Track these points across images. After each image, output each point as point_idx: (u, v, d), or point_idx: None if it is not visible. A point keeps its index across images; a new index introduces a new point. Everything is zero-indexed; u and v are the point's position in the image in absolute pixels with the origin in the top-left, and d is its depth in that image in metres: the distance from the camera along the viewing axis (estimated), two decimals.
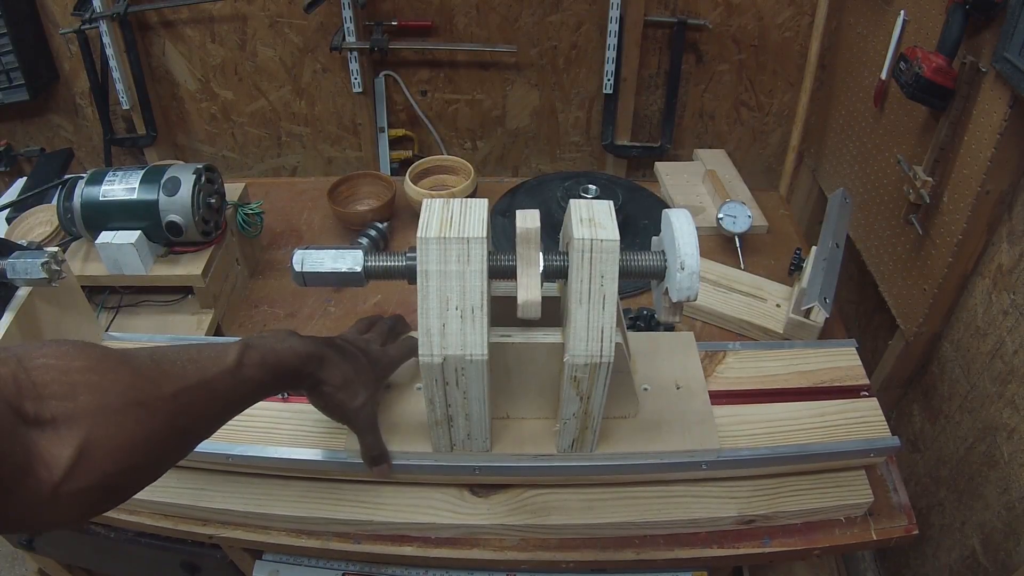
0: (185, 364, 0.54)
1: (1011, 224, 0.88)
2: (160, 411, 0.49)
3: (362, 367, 0.71)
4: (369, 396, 0.71)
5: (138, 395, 0.47)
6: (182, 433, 0.52)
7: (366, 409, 0.70)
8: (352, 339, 0.74)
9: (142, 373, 0.49)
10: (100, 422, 0.44)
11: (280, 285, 1.20)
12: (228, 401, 0.58)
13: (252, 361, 0.59)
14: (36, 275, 0.72)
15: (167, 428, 0.50)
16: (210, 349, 0.58)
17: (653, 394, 0.81)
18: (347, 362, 0.69)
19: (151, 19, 1.53)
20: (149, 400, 0.48)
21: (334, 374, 0.67)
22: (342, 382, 0.68)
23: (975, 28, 0.85)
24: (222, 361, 0.57)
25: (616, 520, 0.78)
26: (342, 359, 0.68)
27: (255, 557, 0.92)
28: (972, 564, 1.00)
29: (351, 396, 0.69)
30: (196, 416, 0.54)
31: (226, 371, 0.57)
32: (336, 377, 0.68)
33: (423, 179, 1.33)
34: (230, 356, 0.58)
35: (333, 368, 0.67)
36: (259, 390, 0.61)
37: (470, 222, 0.64)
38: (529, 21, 1.49)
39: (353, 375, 0.69)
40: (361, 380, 0.70)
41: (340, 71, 1.57)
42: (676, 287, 0.62)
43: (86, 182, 1.00)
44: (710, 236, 1.24)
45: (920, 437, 1.13)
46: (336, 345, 0.70)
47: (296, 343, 0.65)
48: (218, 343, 0.60)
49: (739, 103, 1.59)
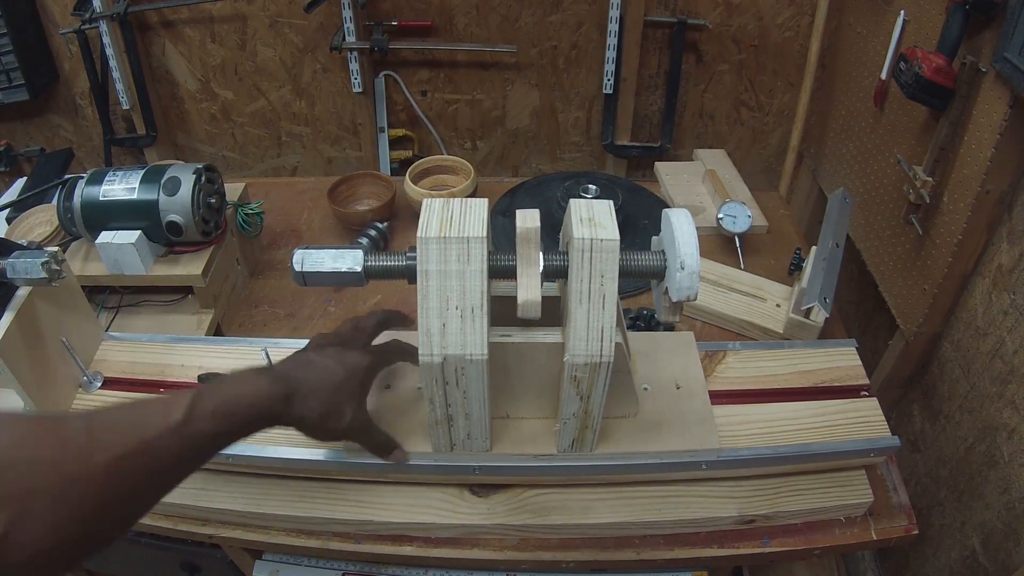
0: (124, 428, 0.51)
1: (1011, 224, 0.88)
2: (94, 484, 0.46)
3: (340, 381, 0.65)
4: (355, 407, 0.67)
5: (68, 469, 0.45)
6: (123, 501, 0.49)
7: (356, 421, 0.67)
8: (326, 350, 0.69)
9: (72, 444, 0.47)
10: (27, 501, 0.43)
11: (280, 285, 1.20)
12: (177, 461, 0.53)
13: (203, 413, 0.54)
14: (36, 275, 0.72)
15: (103, 500, 0.47)
16: (155, 406, 0.54)
17: (653, 394, 0.81)
18: (322, 384, 0.64)
19: (151, 19, 1.53)
20: (80, 474, 0.46)
21: (310, 405, 0.63)
22: (323, 410, 0.63)
23: (975, 28, 0.85)
24: (167, 418, 0.53)
25: (616, 520, 0.78)
26: (315, 383, 0.64)
27: (255, 557, 0.92)
28: (972, 564, 1.00)
29: (337, 419, 0.65)
30: (137, 482, 0.50)
31: (170, 429, 0.52)
32: (314, 407, 0.63)
33: (423, 179, 1.33)
34: (176, 411, 0.53)
35: (307, 399, 0.62)
36: (216, 442, 0.56)
37: (470, 222, 0.64)
38: (529, 21, 1.49)
39: (332, 394, 0.64)
40: (343, 396, 0.65)
41: (340, 71, 1.57)
42: (676, 287, 0.62)
43: (86, 182, 1.00)
44: (710, 236, 1.24)
45: (920, 437, 1.13)
46: (305, 366, 0.65)
47: (260, 384, 0.60)
48: (168, 396, 0.55)
49: (739, 103, 1.59)
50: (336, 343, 0.70)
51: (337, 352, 0.68)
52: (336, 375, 0.65)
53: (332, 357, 0.67)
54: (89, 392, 0.86)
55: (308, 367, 0.65)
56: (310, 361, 0.66)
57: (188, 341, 0.94)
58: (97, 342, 0.91)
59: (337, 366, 0.66)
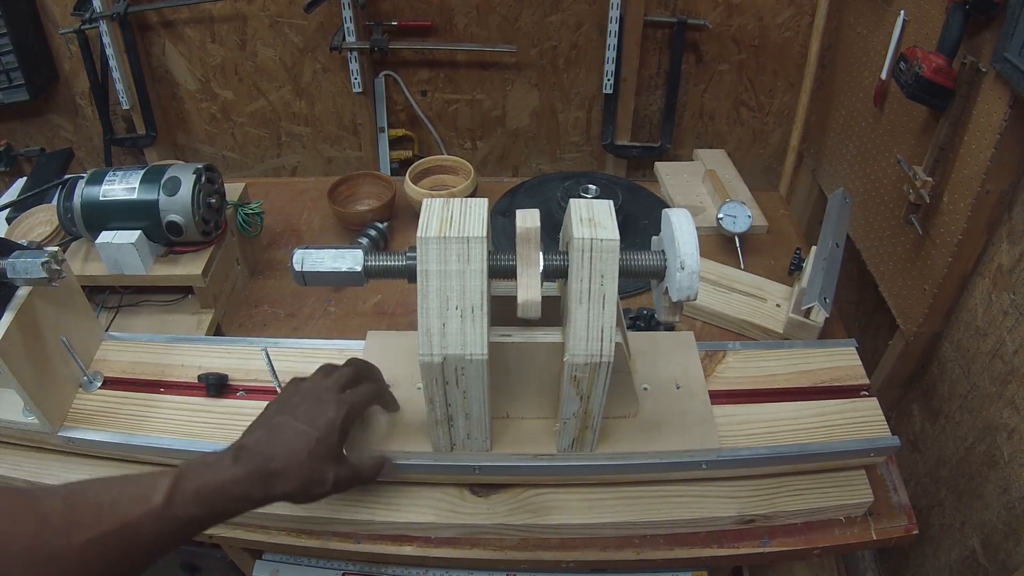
0: (103, 507, 0.50)
1: (1011, 224, 0.88)
2: (69, 563, 0.46)
3: (314, 445, 0.63)
4: (336, 468, 0.65)
5: (45, 547, 0.45)
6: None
7: (340, 480, 0.66)
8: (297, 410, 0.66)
9: (50, 522, 0.47)
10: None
11: (280, 285, 1.20)
12: (157, 543, 0.53)
13: (184, 498, 0.54)
14: (36, 275, 0.72)
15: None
16: (136, 486, 0.53)
17: (653, 394, 0.81)
18: (297, 455, 0.62)
19: (151, 19, 1.53)
20: (56, 552, 0.46)
21: (289, 481, 0.61)
22: (303, 482, 0.62)
23: (975, 28, 0.85)
24: (147, 500, 0.52)
25: (616, 520, 0.78)
26: (290, 455, 0.62)
27: (255, 557, 0.92)
28: (972, 564, 1.00)
29: (320, 485, 0.64)
30: (115, 563, 0.50)
31: (151, 512, 0.52)
32: (293, 482, 0.62)
33: (423, 179, 1.33)
34: (158, 494, 0.53)
35: (285, 476, 0.61)
36: (195, 526, 0.56)
37: (470, 222, 0.64)
38: (529, 21, 1.49)
39: (310, 462, 0.63)
40: (320, 460, 0.64)
41: (340, 71, 1.57)
42: (676, 287, 0.62)
43: (86, 182, 1.00)
44: (710, 236, 1.24)
45: (920, 437, 1.13)
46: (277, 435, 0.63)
47: (237, 471, 0.59)
48: (148, 477, 0.55)
49: (739, 103, 1.59)
50: (307, 399, 0.67)
51: (308, 412, 0.65)
52: (310, 439, 0.63)
53: (303, 420, 0.65)
54: (89, 392, 0.86)
55: (279, 436, 0.63)
56: (280, 428, 0.64)
57: (188, 341, 0.94)
58: (97, 342, 0.91)
59: (310, 429, 0.64)
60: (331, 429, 0.65)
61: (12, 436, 0.85)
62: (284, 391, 0.70)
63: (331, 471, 0.64)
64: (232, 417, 0.83)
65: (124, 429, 0.82)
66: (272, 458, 0.61)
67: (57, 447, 0.84)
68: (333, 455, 0.65)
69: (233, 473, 0.59)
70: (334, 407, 0.66)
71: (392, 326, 1.11)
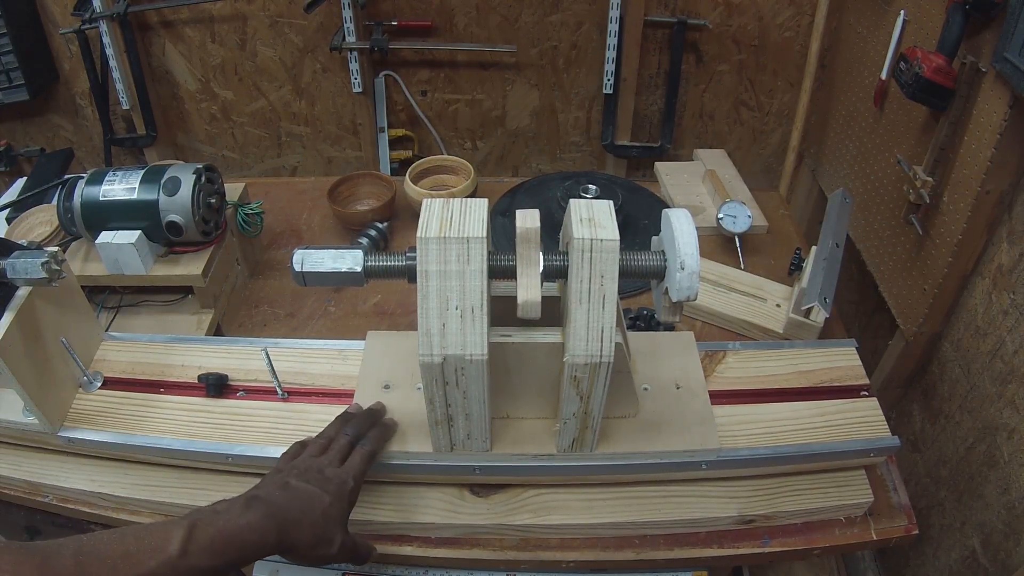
0: (116, 561, 0.49)
1: (1011, 224, 0.88)
2: None
3: (327, 508, 0.64)
4: (342, 534, 0.66)
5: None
6: None
7: (344, 548, 0.66)
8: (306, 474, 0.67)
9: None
10: None
11: (280, 285, 1.20)
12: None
13: (200, 547, 0.53)
14: (36, 275, 0.72)
15: None
16: (149, 536, 0.52)
17: (653, 394, 0.81)
18: (311, 515, 0.63)
19: (151, 19, 1.53)
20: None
21: (301, 537, 0.61)
22: (313, 540, 0.62)
23: (975, 28, 0.85)
24: (162, 551, 0.51)
25: (616, 520, 0.78)
26: (304, 514, 0.62)
27: None
28: (972, 564, 1.00)
29: (326, 546, 0.64)
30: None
31: (167, 563, 0.51)
32: (304, 538, 0.62)
33: (423, 179, 1.33)
34: (173, 544, 0.52)
35: (298, 531, 0.61)
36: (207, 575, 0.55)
37: (470, 222, 0.64)
38: (529, 21, 1.49)
39: (322, 524, 0.63)
40: (331, 523, 0.64)
41: (340, 71, 1.57)
42: (676, 287, 0.62)
43: (86, 182, 1.00)
44: (710, 236, 1.24)
45: (920, 437, 1.13)
46: (291, 495, 0.63)
47: (253, 519, 0.58)
48: (161, 526, 0.54)
49: (739, 103, 1.59)
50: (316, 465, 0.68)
51: (319, 477, 0.67)
52: (323, 502, 0.64)
53: (315, 483, 0.65)
54: (89, 392, 0.86)
55: (294, 496, 0.63)
56: (293, 487, 0.64)
57: (188, 341, 0.94)
58: (97, 342, 0.91)
59: (323, 493, 0.65)
60: (343, 492, 0.66)
61: (12, 436, 0.85)
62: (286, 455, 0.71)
63: (339, 535, 0.65)
64: (232, 417, 0.83)
65: (124, 429, 0.81)
66: (288, 509, 0.62)
67: (57, 447, 0.84)
68: (343, 520, 0.66)
69: (248, 520, 0.58)
70: (343, 471, 0.68)
71: (392, 326, 1.11)
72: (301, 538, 0.61)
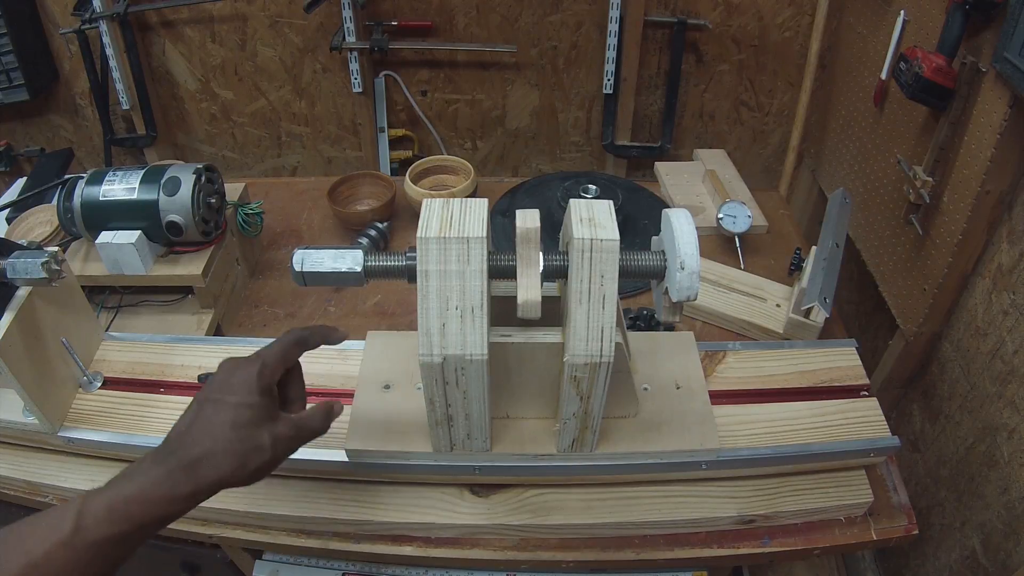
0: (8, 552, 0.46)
1: (1011, 224, 0.88)
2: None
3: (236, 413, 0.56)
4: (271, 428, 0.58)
5: None
6: None
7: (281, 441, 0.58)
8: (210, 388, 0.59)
9: None
10: None
11: (280, 285, 1.20)
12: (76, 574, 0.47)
13: (94, 518, 0.48)
14: (36, 275, 0.72)
15: None
16: (45, 518, 0.48)
17: (653, 394, 0.81)
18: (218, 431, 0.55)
19: (151, 19, 1.53)
20: None
21: (220, 463, 0.54)
22: (236, 458, 0.55)
23: (975, 28, 0.85)
24: (56, 530, 0.47)
25: (616, 520, 0.78)
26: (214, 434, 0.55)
27: (255, 557, 0.92)
28: (972, 564, 1.00)
29: (257, 452, 0.56)
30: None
31: (60, 542, 0.47)
32: (225, 461, 0.54)
33: (423, 179, 1.33)
34: (64, 522, 0.47)
35: (213, 459, 0.54)
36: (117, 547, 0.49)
37: (470, 222, 0.64)
38: (529, 21, 1.49)
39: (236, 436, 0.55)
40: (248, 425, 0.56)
41: (340, 71, 1.57)
42: (676, 287, 0.62)
43: (86, 182, 1.00)
44: (710, 236, 1.24)
45: (920, 437, 1.13)
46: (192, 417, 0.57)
47: (154, 470, 0.52)
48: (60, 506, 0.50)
49: (739, 103, 1.59)
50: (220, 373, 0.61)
51: (221, 383, 0.59)
52: (228, 407, 0.56)
53: (216, 391, 0.58)
54: (89, 392, 0.86)
55: (198, 420, 0.56)
56: (198, 409, 0.57)
57: (188, 341, 0.94)
58: (97, 342, 0.91)
59: (224, 396, 0.57)
60: (248, 388, 0.57)
61: (12, 436, 0.85)
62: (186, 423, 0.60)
63: (266, 433, 0.57)
64: None
65: (124, 429, 0.82)
66: (193, 443, 0.54)
67: (57, 447, 0.84)
68: (262, 416, 0.57)
69: (149, 476, 0.52)
70: (245, 365, 0.60)
71: (392, 326, 1.11)
72: (222, 467, 0.54)
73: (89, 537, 0.48)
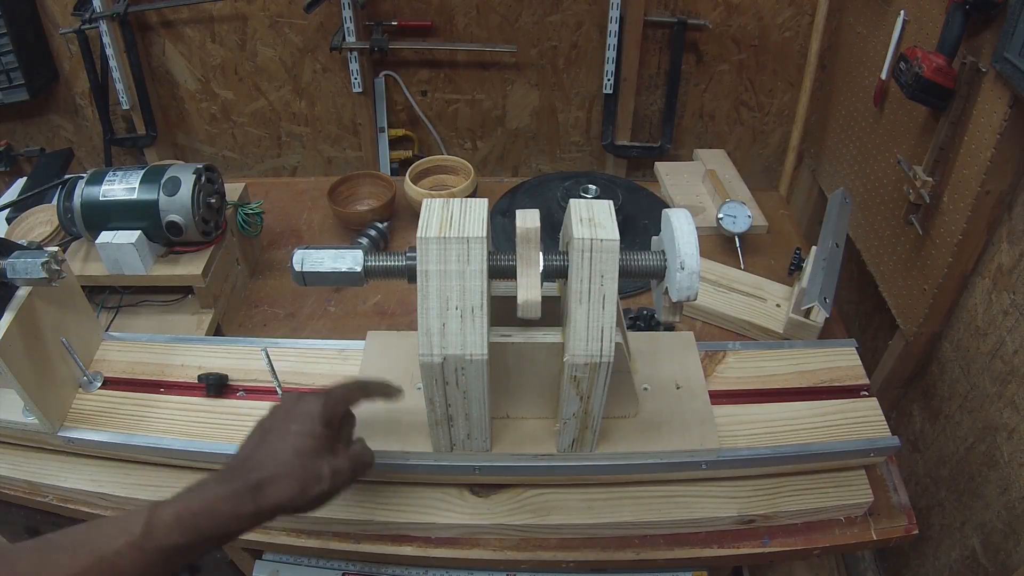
0: (78, 547, 0.48)
1: (1011, 224, 0.88)
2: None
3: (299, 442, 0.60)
4: (330, 460, 0.61)
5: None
6: None
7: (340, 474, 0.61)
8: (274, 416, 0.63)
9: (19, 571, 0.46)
10: None
11: (280, 285, 1.20)
12: None
13: (164, 524, 0.51)
14: (36, 275, 0.72)
15: None
16: (116, 521, 0.51)
17: (653, 394, 0.81)
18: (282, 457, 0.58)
19: (151, 19, 1.53)
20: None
21: (282, 487, 0.57)
22: (297, 485, 0.57)
23: (975, 28, 0.85)
24: (125, 534, 0.50)
25: (616, 520, 0.78)
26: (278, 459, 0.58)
27: (255, 557, 0.92)
28: (972, 564, 1.00)
29: (316, 482, 0.59)
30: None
31: (129, 544, 0.49)
32: (287, 486, 0.57)
33: (423, 179, 1.33)
34: (135, 526, 0.50)
35: (276, 484, 0.57)
36: (181, 555, 0.52)
37: (470, 222, 0.64)
38: (529, 21, 1.49)
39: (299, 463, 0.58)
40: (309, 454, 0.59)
41: (340, 71, 1.57)
42: (676, 287, 0.62)
43: (86, 182, 1.00)
44: (710, 236, 1.24)
45: (920, 437, 1.13)
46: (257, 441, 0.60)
47: (221, 489, 0.55)
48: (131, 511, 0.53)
49: (739, 103, 1.59)
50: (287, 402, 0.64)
51: (288, 411, 0.63)
52: (293, 436, 0.60)
53: (282, 419, 0.62)
54: (89, 392, 0.86)
55: (264, 444, 0.60)
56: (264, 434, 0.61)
57: (188, 341, 0.94)
58: (97, 342, 0.91)
59: (290, 424, 0.61)
60: (311, 419, 0.61)
61: (12, 436, 0.85)
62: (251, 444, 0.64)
63: (325, 464, 0.60)
64: (232, 417, 0.83)
65: (124, 429, 0.81)
66: (258, 467, 0.58)
67: (57, 447, 0.84)
68: (322, 446, 0.61)
69: (216, 492, 0.55)
70: (309, 398, 0.64)
71: (392, 326, 1.11)
72: (283, 492, 0.57)
73: (157, 543, 0.51)
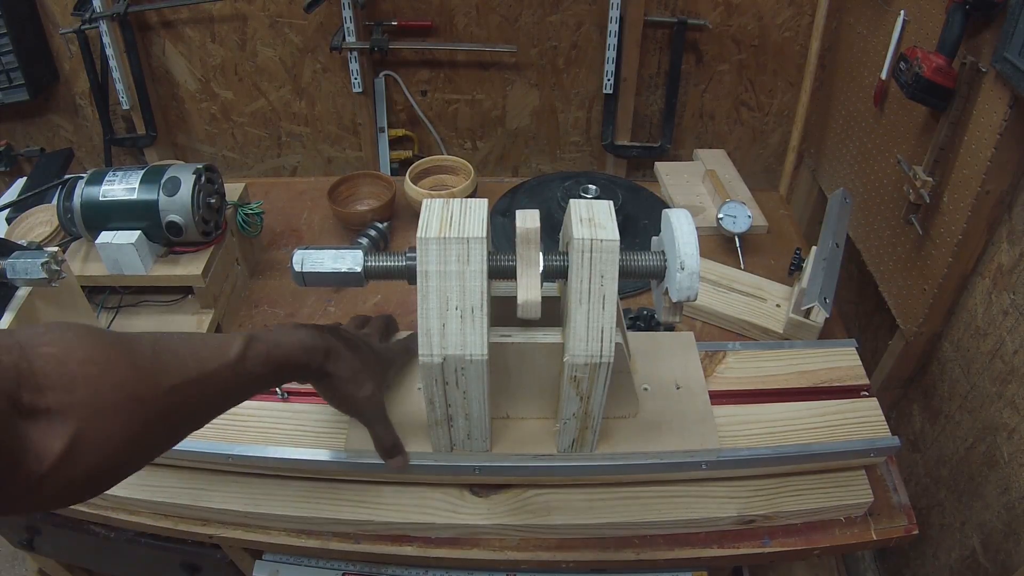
0: (186, 357, 0.53)
1: (1011, 224, 0.88)
2: (155, 406, 0.48)
3: (368, 359, 0.71)
4: (376, 387, 0.71)
5: (135, 389, 0.47)
6: (174, 427, 0.52)
7: (374, 399, 0.70)
8: (355, 332, 0.74)
9: (141, 367, 0.48)
10: (94, 417, 0.44)
11: (280, 285, 1.20)
12: (225, 396, 0.58)
13: (256, 355, 0.59)
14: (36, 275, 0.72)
15: (160, 423, 0.49)
16: (214, 340, 0.57)
17: (653, 394, 0.81)
18: (354, 353, 0.69)
19: (151, 19, 1.53)
20: (145, 395, 0.48)
21: (341, 366, 0.67)
22: (350, 374, 0.68)
23: (975, 28, 0.85)
24: (224, 354, 0.56)
25: (616, 520, 0.78)
26: (349, 350, 0.68)
27: (255, 557, 0.92)
28: (972, 564, 1.00)
29: (358, 387, 0.69)
30: (191, 411, 0.54)
31: (227, 365, 0.56)
32: (344, 369, 0.67)
33: (423, 179, 1.33)
34: (233, 349, 0.57)
35: (340, 360, 0.67)
36: (259, 384, 0.61)
37: (470, 222, 0.64)
38: (529, 21, 1.49)
39: (360, 366, 0.69)
40: (368, 372, 0.70)
41: (340, 71, 1.57)
42: (676, 287, 0.62)
43: (86, 182, 1.00)
44: (710, 236, 1.24)
45: (920, 437, 1.13)
46: (343, 336, 0.69)
47: (304, 336, 0.64)
48: (221, 336, 0.60)
49: (739, 103, 1.59)
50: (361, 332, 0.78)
51: (366, 336, 0.76)
52: (365, 352, 0.71)
53: (364, 340, 0.73)
54: None
55: (345, 339, 0.69)
56: (346, 334, 0.71)
57: None
58: None
59: (365, 347, 0.72)
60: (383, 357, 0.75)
61: None
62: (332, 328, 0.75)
63: (372, 385, 0.70)
64: (232, 417, 0.82)
65: None
66: (338, 344, 0.68)
67: None
68: (378, 379, 0.72)
69: (300, 339, 0.64)
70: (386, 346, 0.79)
71: None
72: (341, 366, 0.67)
73: (248, 368, 0.58)
